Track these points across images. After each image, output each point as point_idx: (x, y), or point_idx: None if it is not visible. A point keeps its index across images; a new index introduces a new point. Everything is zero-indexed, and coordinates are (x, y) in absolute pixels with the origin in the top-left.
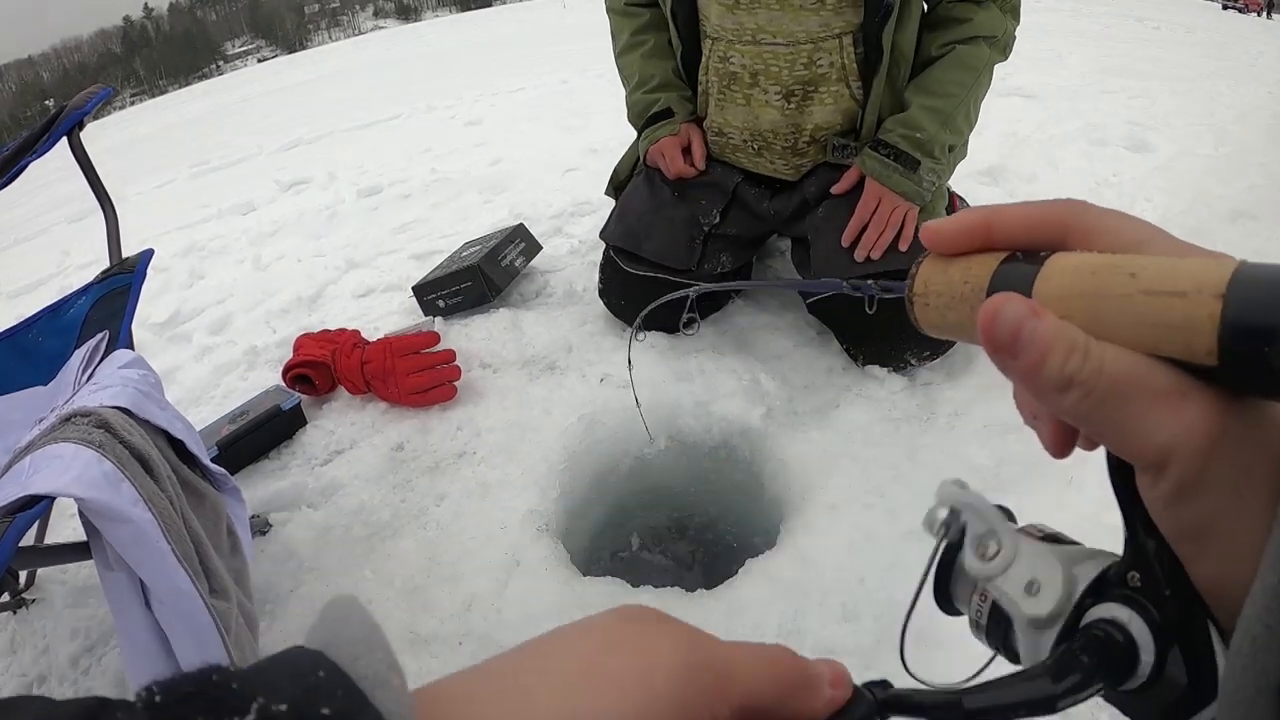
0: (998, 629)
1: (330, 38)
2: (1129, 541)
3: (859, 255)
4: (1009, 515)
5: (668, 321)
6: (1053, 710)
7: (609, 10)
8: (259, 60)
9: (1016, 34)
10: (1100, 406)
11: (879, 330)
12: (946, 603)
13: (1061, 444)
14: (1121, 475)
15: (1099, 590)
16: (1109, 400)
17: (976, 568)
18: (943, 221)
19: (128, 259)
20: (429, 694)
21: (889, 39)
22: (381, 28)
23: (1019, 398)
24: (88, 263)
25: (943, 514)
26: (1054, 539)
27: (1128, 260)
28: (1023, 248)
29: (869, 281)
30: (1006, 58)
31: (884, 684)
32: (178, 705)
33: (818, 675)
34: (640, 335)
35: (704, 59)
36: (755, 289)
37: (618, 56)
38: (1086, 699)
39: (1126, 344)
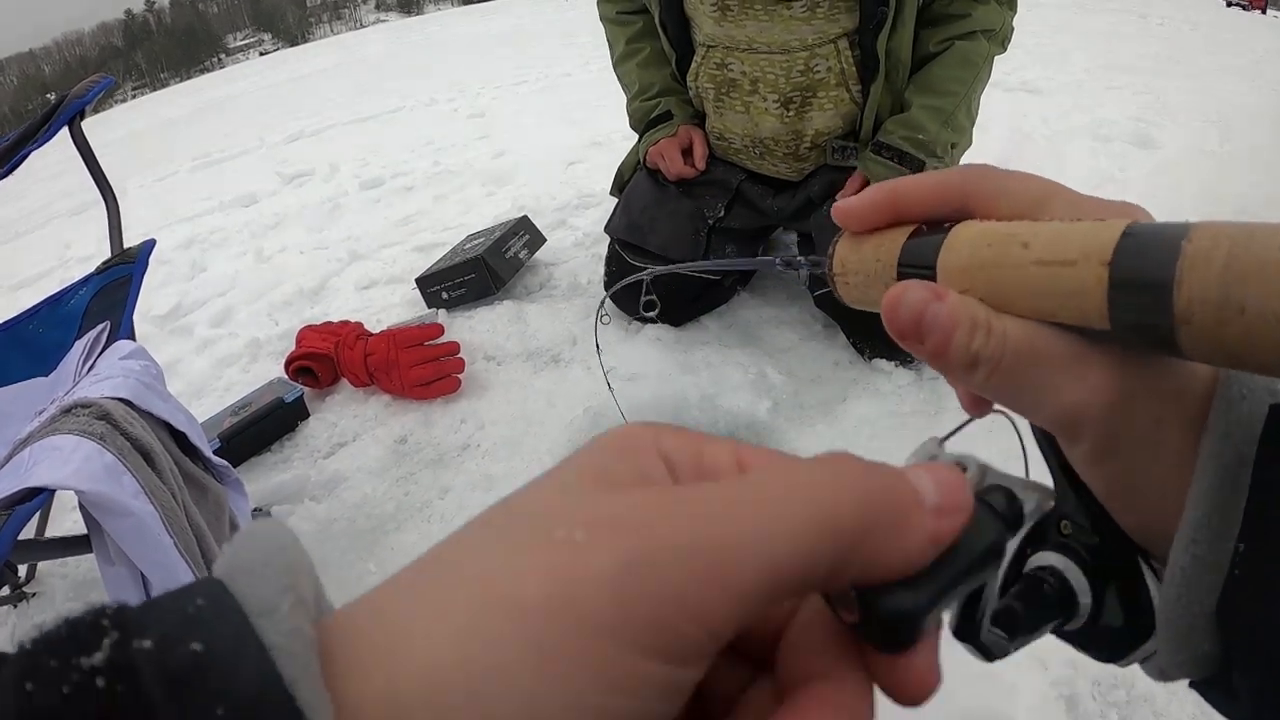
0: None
1: (332, 31)
2: (1058, 493)
3: None
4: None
5: (673, 315)
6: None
7: (602, 19)
8: (260, 53)
9: (1014, 25)
10: (1008, 379)
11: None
12: None
13: (976, 404)
14: (1044, 435)
15: (1037, 538)
16: (1015, 372)
17: None
18: (851, 200)
19: (129, 249)
20: (337, 620)
21: (883, 46)
22: (384, 21)
23: None
24: (89, 255)
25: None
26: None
27: (1021, 229)
28: (930, 219)
29: (798, 257)
30: (1005, 50)
31: (1010, 501)
32: (37, 654)
33: (910, 506)
34: (605, 319)
35: (694, 66)
36: (693, 270)
37: (615, 65)
38: (1030, 642)
39: (1027, 313)
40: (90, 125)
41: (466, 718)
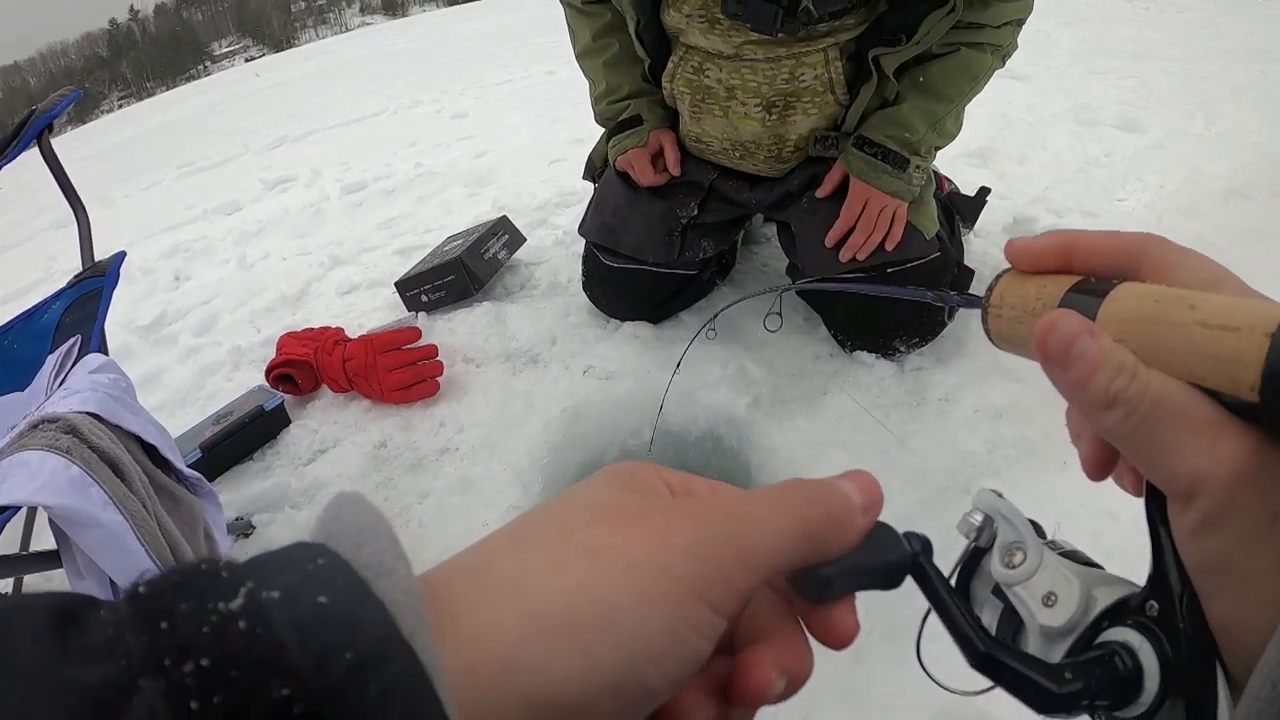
0: (1007, 631)
1: (317, 35)
2: (1153, 571)
3: (844, 257)
4: (1039, 529)
5: (651, 313)
6: (1047, 710)
7: (564, 4)
8: (246, 59)
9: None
10: (1140, 428)
11: (867, 316)
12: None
13: (1098, 466)
14: (1156, 505)
15: (1118, 614)
16: (1149, 423)
17: (1001, 574)
18: (1028, 240)
19: (100, 262)
20: (433, 578)
21: (880, 60)
22: (369, 24)
23: (1069, 414)
24: (73, 268)
25: (977, 519)
26: (1074, 556)
27: (1191, 294)
28: (1098, 273)
29: (951, 292)
30: (1004, 66)
31: (924, 541)
32: (160, 596)
33: (848, 511)
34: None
35: (671, 67)
36: (834, 288)
37: (579, 57)
38: (1082, 712)
39: (1176, 372)
40: (76, 136)
41: (574, 644)
